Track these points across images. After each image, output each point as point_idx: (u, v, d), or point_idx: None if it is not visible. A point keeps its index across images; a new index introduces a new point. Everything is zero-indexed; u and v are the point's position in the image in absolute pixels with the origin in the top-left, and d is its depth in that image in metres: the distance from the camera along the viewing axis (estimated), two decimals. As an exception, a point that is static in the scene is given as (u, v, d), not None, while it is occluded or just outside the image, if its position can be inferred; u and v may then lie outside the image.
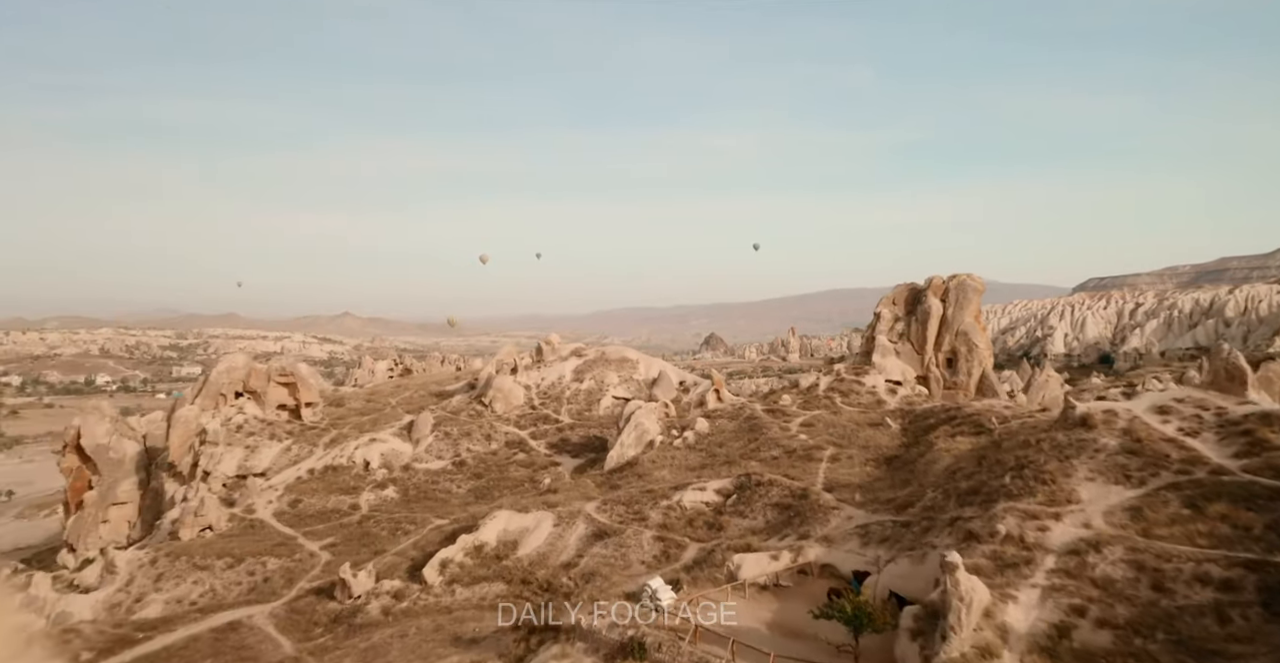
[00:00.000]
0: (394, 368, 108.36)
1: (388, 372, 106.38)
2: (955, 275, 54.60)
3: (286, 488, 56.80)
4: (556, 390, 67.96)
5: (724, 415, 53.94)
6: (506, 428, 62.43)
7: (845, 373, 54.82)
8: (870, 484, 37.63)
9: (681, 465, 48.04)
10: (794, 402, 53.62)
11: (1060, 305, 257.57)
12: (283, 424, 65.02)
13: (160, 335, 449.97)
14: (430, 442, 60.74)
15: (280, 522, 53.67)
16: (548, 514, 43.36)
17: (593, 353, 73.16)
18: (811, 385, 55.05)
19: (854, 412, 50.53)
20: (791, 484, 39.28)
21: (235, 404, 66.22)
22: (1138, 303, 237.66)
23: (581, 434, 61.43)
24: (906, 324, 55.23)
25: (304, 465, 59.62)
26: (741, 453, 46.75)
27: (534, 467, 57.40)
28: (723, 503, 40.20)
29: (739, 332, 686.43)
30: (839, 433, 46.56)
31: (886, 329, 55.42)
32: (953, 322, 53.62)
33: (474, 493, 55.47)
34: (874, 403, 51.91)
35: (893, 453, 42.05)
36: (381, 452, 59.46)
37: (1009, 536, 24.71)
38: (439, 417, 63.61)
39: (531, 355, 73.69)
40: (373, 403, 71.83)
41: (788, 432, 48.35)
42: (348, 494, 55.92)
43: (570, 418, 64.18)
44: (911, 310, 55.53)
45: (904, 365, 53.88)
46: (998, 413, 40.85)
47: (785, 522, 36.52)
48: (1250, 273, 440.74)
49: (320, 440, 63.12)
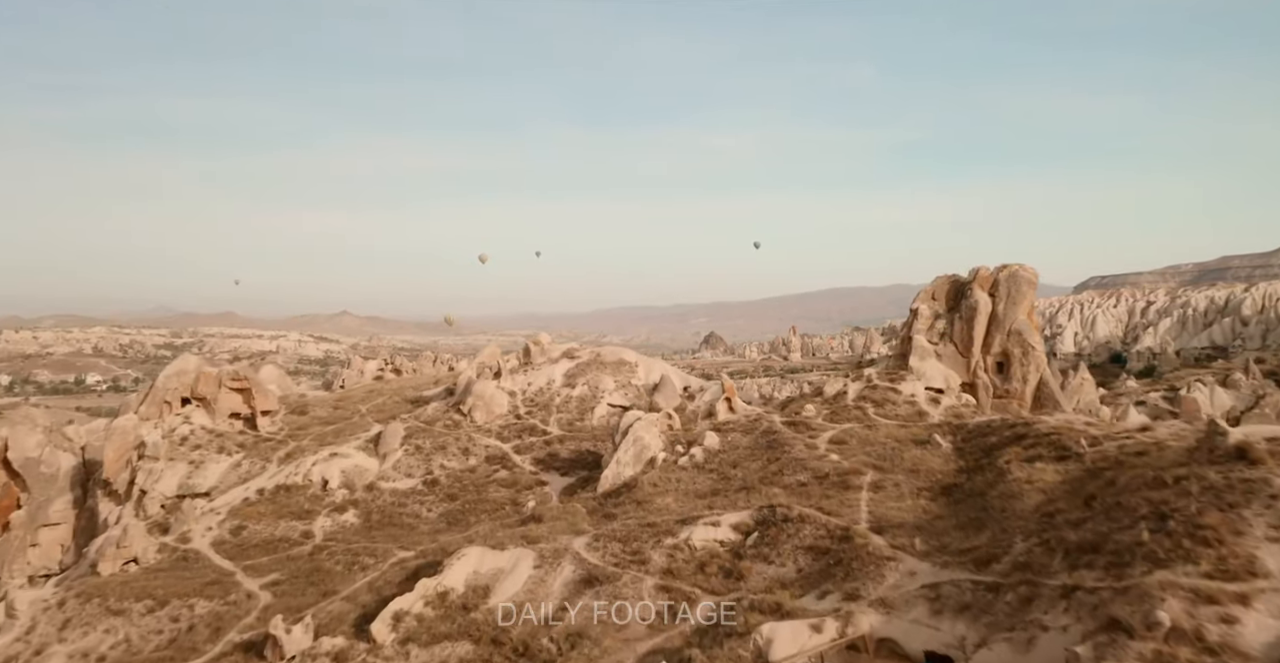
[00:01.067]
0: (384, 368, 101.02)
1: (378, 372, 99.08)
2: (1005, 266, 46.48)
3: (230, 512, 48.61)
4: (545, 397, 59.83)
5: (737, 429, 45.84)
6: (487, 441, 54.29)
7: (878, 379, 46.69)
8: (930, 524, 29.50)
9: (688, 491, 39.90)
10: (819, 413, 45.48)
11: (1069, 304, 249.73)
12: (234, 436, 56.82)
13: (155, 334, 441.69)
14: (399, 457, 52.57)
15: (219, 553, 45.50)
16: (528, 552, 35.17)
17: (586, 355, 65.07)
18: (839, 393, 46.92)
19: (892, 426, 42.40)
20: (828, 521, 31.14)
21: (181, 413, 58.08)
22: (1149, 301, 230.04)
23: (572, 448, 53.29)
24: (949, 322, 47.08)
25: (253, 484, 51.44)
26: (761, 477, 38.60)
27: (517, 486, 49.29)
28: (741, 543, 32.05)
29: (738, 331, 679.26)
30: (878, 453, 38.43)
31: (925, 328, 47.29)
32: (1003, 319, 45.49)
33: (446, 518, 47.34)
34: (914, 415, 43.80)
35: (950, 480, 33.95)
36: (343, 469, 51.30)
37: (1178, 630, 16.48)
38: (411, 427, 55.45)
39: (518, 357, 65.67)
40: (340, 411, 63.68)
41: (815, 450, 40.23)
42: (300, 519, 47.77)
43: (560, 429, 56.05)
44: (954, 306, 47.42)
45: (947, 371, 45.77)
46: (1080, 431, 32.78)
47: (823, 572, 28.39)
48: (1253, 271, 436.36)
49: (275, 455, 54.92)
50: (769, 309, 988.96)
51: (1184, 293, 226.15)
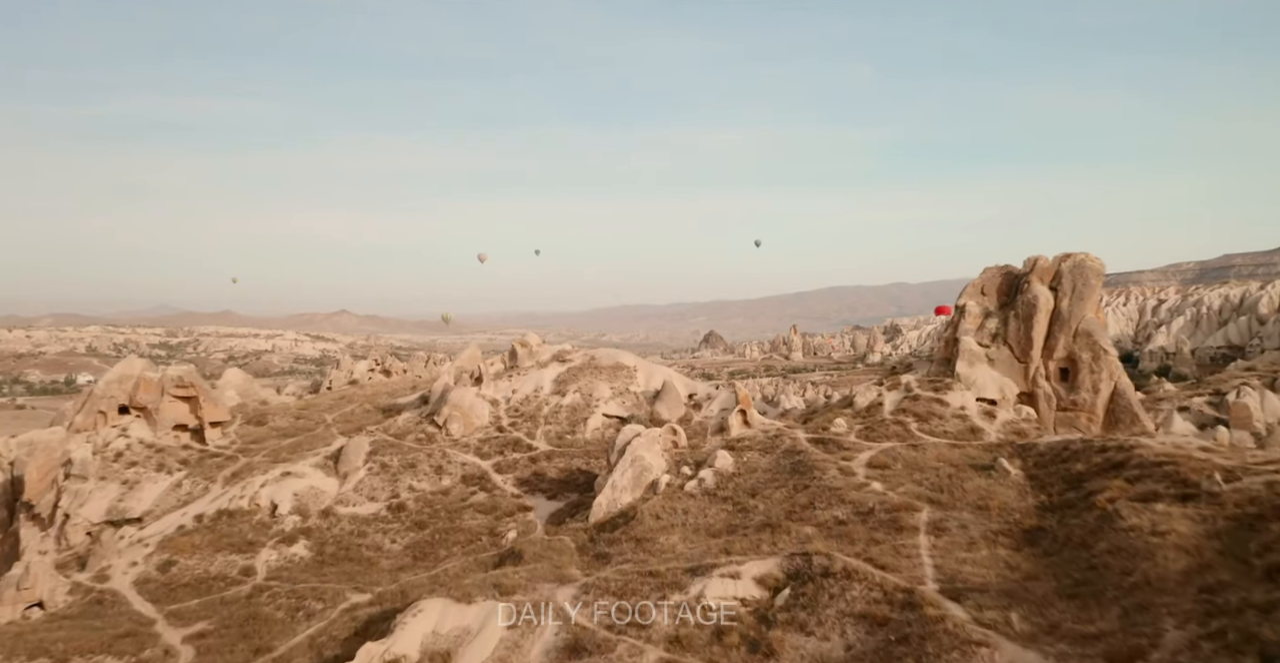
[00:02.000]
0: (374, 369, 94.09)
1: (368, 372, 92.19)
2: (1069, 255, 39.10)
3: (161, 543, 41.20)
4: (532, 406, 52.45)
5: (755, 447, 38.46)
6: (464, 457, 46.92)
7: (919, 388, 39.33)
8: (1023, 588, 22.15)
9: (698, 526, 32.47)
10: (851, 428, 38.15)
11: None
12: (177, 451, 49.41)
13: (150, 334, 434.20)
14: (362, 477, 45.20)
15: (141, 594, 38.10)
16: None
17: (579, 358, 57.67)
18: (873, 404, 39.58)
19: (942, 446, 35.02)
20: (883, 579, 23.72)
21: (118, 424, 50.70)
22: (1160, 299, 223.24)
23: (561, 466, 45.93)
24: (1002, 321, 39.70)
25: (192, 509, 44.06)
26: (787, 510, 31.14)
27: (496, 512, 41.93)
28: (768, 603, 24.58)
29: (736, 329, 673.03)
30: (932, 482, 31.06)
31: (974, 328, 39.92)
32: (1068, 317, 38.12)
33: (412, 551, 39.95)
34: (966, 432, 36.46)
35: (1032, 522, 26.59)
36: (296, 491, 43.90)
37: None
38: (377, 442, 48.06)
39: (503, 360, 58.32)
40: (303, 421, 56.23)
41: (852, 477, 32.85)
42: (241, 552, 40.36)
43: (548, 443, 48.70)
44: (1007, 303, 40.09)
45: (1002, 378, 38.41)
46: (1202, 460, 25.43)
47: (883, 654, 21.13)
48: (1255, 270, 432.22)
49: (221, 473, 47.56)
50: (768, 308, 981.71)
51: (1196, 291, 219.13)
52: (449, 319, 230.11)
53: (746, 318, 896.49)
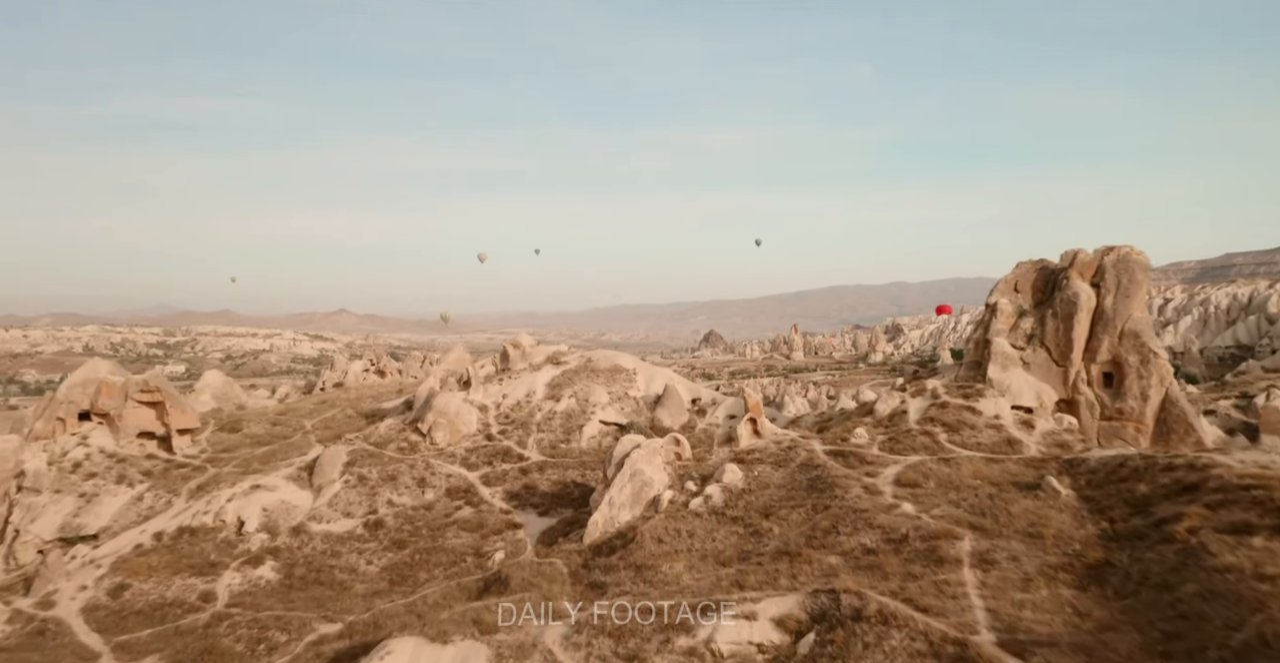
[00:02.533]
0: (369, 369, 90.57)
1: (363, 372, 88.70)
2: (1112, 248, 35.30)
3: (115, 564, 37.37)
4: (523, 413, 48.62)
5: (766, 460, 34.71)
6: (449, 468, 43.12)
7: (947, 395, 35.54)
8: (1102, 644, 18.38)
9: (705, 551, 28.73)
10: (873, 439, 34.39)
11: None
12: (140, 461, 45.61)
13: (147, 333, 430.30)
14: (338, 490, 41.39)
15: (89, 623, 34.30)
16: (480, 648, 24.21)
17: (575, 360, 53.75)
18: (896, 412, 35.79)
19: (977, 460, 31.25)
20: (927, 626, 19.93)
21: (79, 432, 46.90)
22: (1166, 298, 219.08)
23: (554, 479, 42.15)
24: (1038, 321, 35.90)
25: (152, 526, 40.27)
26: (807, 535, 27.38)
27: (483, 530, 38.12)
28: (790, 651, 20.84)
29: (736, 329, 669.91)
30: (971, 503, 27.29)
31: (1006, 328, 36.12)
32: (1113, 317, 34.32)
33: (389, 574, 36.15)
34: (1003, 444, 32.66)
35: (1096, 555, 22.79)
36: (265, 506, 40.10)
37: None
38: (356, 451, 44.26)
39: (494, 362, 54.47)
40: (279, 427, 52.40)
41: (879, 496, 29.09)
42: (202, 575, 36.56)
43: (540, 453, 44.92)
44: (1044, 300, 36.31)
45: (1039, 384, 34.62)
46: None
47: (935, 725, 17.46)
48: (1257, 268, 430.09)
49: (186, 486, 43.77)
50: (767, 307, 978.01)
51: (1203, 290, 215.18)
52: (448, 318, 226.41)
53: (746, 317, 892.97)
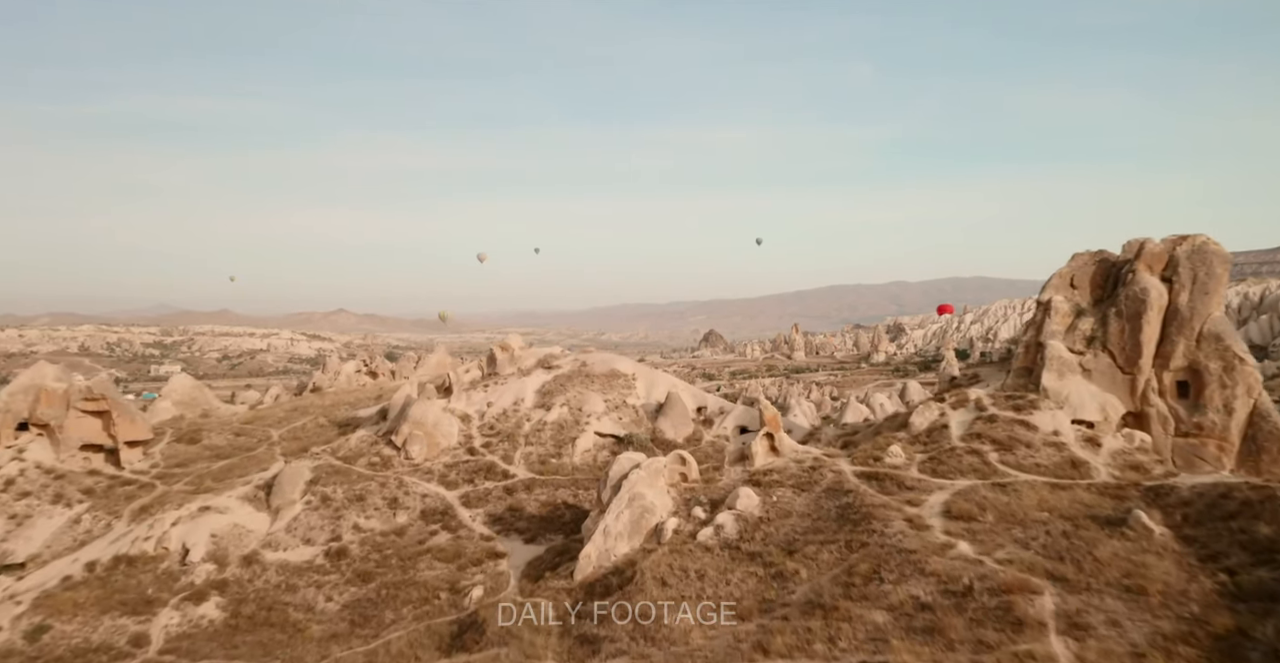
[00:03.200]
0: (361, 369, 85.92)
1: (355, 373, 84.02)
2: (1185, 237, 30.28)
3: (38, 600, 32.31)
4: (510, 423, 43.57)
5: (786, 482, 29.69)
6: (425, 487, 38.12)
7: (995, 407, 30.54)
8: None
9: (718, 597, 23.62)
10: (911, 458, 29.38)
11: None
12: (80, 478, 40.58)
13: (144, 332, 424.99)
14: (298, 512, 36.38)
15: (-2, 673, 29.44)
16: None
17: (568, 364, 48.65)
18: (934, 427, 30.77)
19: (1040, 486, 26.24)
20: (1020, 726, 15.16)
21: (14, 445, 41.90)
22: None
23: (543, 499, 37.16)
24: (1098, 321, 30.88)
25: (86, 554, 35.27)
26: (843, 582, 22.32)
27: (460, 560, 33.08)
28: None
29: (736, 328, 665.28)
30: (1042, 542, 22.31)
31: (1062, 330, 31.12)
32: (1189, 316, 29.32)
33: (351, 613, 31.07)
34: (1065, 465, 27.65)
35: (1225, 620, 17.92)
36: (214, 531, 35.10)
37: None
38: (321, 467, 39.25)
39: (480, 366, 49.44)
40: (243, 438, 47.35)
41: (926, 530, 24.09)
42: (136, 614, 31.49)
43: (528, 469, 39.92)
44: (1105, 297, 31.34)
45: (1103, 394, 29.60)
46: None
47: None
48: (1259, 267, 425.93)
49: (129, 506, 38.76)
50: (767, 307, 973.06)
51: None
52: (446, 318, 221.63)
53: (746, 317, 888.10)
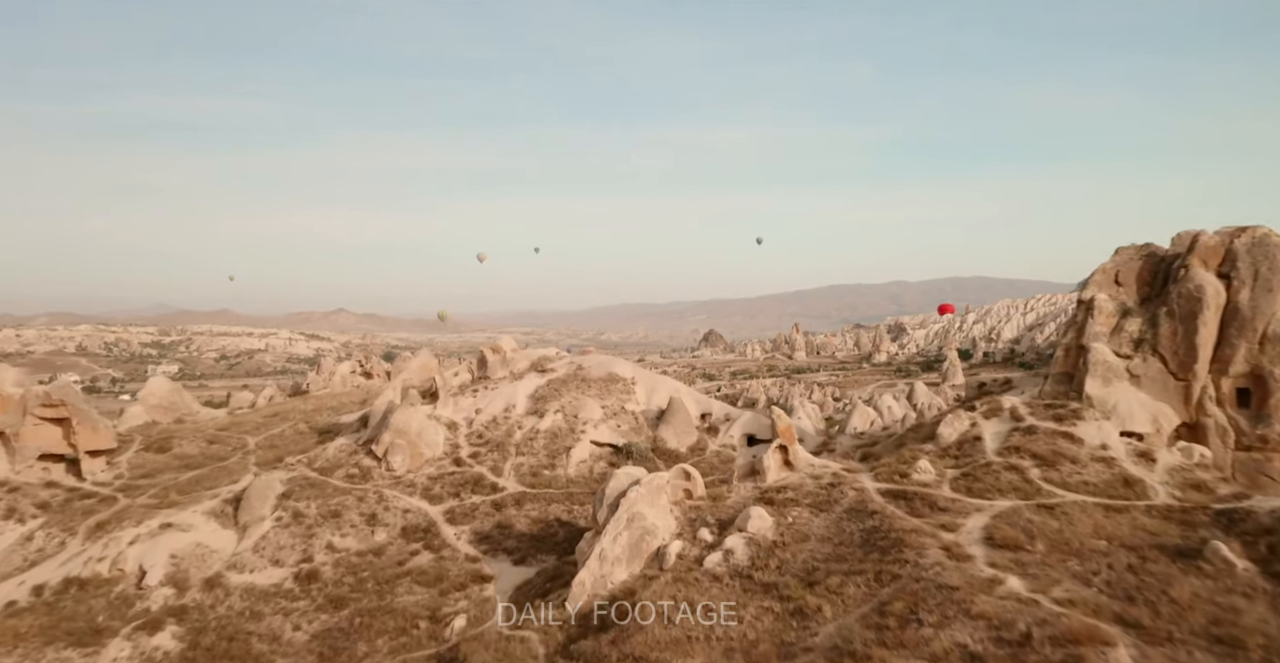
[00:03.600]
0: (356, 370, 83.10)
1: (350, 374, 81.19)
2: (1244, 229, 27.27)
3: (-23, 628, 29.39)
4: (500, 431, 40.46)
5: (803, 500, 26.61)
6: (407, 501, 35.06)
7: (1033, 417, 27.49)
8: None
9: (731, 642, 20.50)
10: (942, 475, 26.31)
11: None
12: (37, 490, 37.49)
13: (142, 332, 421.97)
14: (267, 530, 33.29)
15: (-75, 715, 26.35)
16: None
17: (563, 367, 45.51)
18: (965, 438, 27.71)
19: (1092, 509, 23.17)
20: None
21: (-34, 455, 38.82)
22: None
23: (535, 515, 34.09)
24: (1147, 322, 27.85)
25: (34, 576, 32.20)
26: (874, 623, 19.15)
27: (442, 584, 30.04)
28: None
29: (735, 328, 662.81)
30: (1105, 576, 19.23)
31: (1107, 331, 28.10)
32: (1250, 316, 26.28)
33: (320, 644, 27.99)
34: (1117, 483, 24.59)
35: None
36: (175, 551, 32.03)
37: None
38: (295, 480, 36.15)
39: (470, 369, 46.33)
40: (217, 446, 44.27)
41: (965, 559, 21.03)
42: (83, 646, 28.35)
43: (519, 481, 36.85)
44: (1154, 295, 28.32)
45: (1154, 403, 26.57)
46: None
47: None
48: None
49: (87, 522, 35.69)
50: (767, 306, 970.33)
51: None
52: (445, 317, 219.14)
53: (745, 317, 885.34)
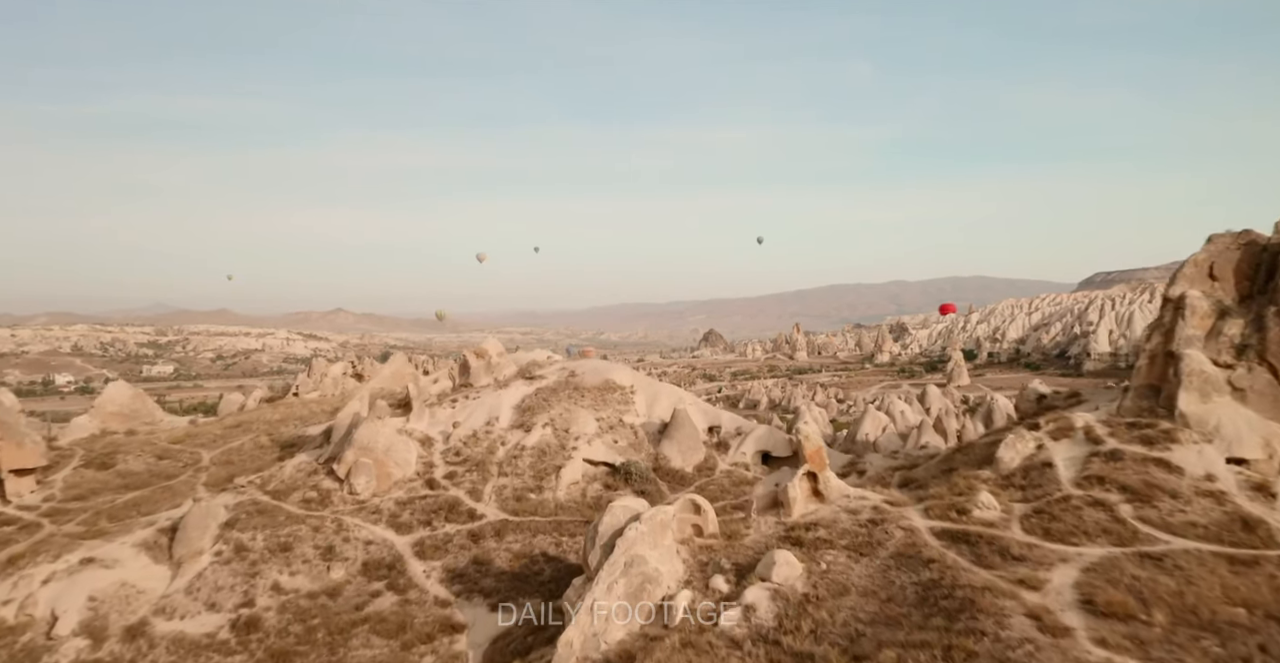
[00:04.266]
0: (348, 372, 78.32)
1: (342, 376, 76.38)
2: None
3: None
4: (481, 448, 35.30)
5: (838, 541, 21.65)
6: (370, 530, 30.12)
7: (1114, 437, 22.61)
8: None
9: (758, 739, 15.91)
10: (1009, 511, 21.40)
11: (1099, 299, 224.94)
12: (-52, 517, 32.66)
13: (138, 332, 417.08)
14: (205, 566, 28.35)
15: None
16: None
17: (554, 374, 40.29)
18: (1032, 463, 22.82)
19: (1211, 560, 18.27)
20: None
21: (-128, 475, 33.87)
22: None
23: (517, 548, 29.14)
24: (1252, 324, 22.98)
25: (-72, 622, 27.32)
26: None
27: (406, 635, 25.16)
28: None
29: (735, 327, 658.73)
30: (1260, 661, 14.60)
31: (1201, 335, 23.27)
32: (1383, 318, 21.39)
33: (256, 713, 23.22)
34: (1231, 524, 19.71)
35: None
36: (94, 592, 27.10)
37: None
38: (243, 505, 31.18)
39: (451, 375, 41.25)
40: (168, 461, 39.31)
41: (1062, 634, 16.12)
42: (-28, 713, 23.66)
43: (501, 507, 31.87)
44: (1257, 291, 23.51)
45: (1265, 423, 21.71)
46: None
47: None
48: None
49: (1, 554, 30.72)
50: (766, 306, 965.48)
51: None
52: (443, 317, 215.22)
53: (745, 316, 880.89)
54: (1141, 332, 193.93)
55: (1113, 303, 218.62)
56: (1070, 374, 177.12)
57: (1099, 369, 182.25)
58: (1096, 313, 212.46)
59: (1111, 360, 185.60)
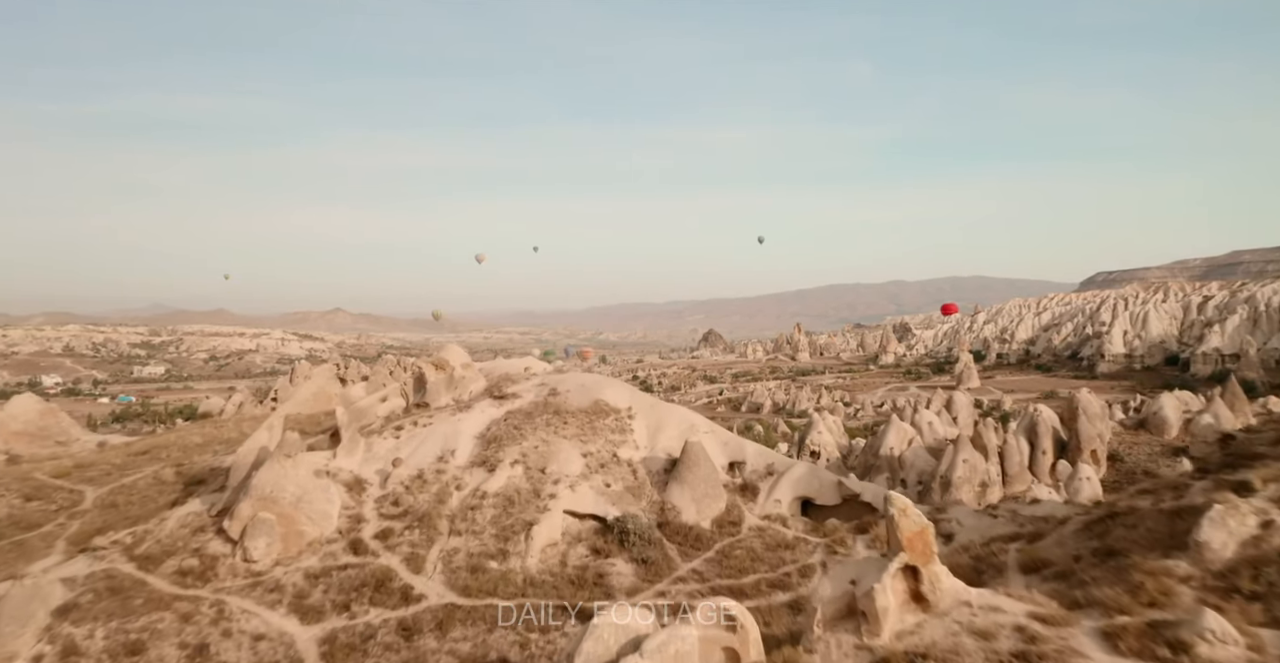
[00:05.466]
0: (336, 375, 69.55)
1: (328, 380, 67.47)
2: None
3: None
4: (427, 495, 25.95)
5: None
6: (264, 619, 21.36)
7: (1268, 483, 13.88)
8: None
9: None
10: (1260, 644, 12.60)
11: (1111, 299, 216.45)
12: None
13: (132, 332, 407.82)
14: (17, 678, 19.73)
15: None
16: None
17: (530, 393, 30.82)
18: (1265, 550, 14.06)
19: None
20: None
21: None
22: (1205, 296, 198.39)
23: (467, 649, 20.24)
24: None
25: None
26: None
27: None
28: None
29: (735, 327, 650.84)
30: None
31: None
32: None
33: None
34: None
35: None
36: None
37: None
38: (92, 579, 22.29)
39: (403, 392, 32.09)
40: (38, 502, 30.12)
41: None
42: None
43: (447, 583, 22.72)
44: None
45: None
46: None
47: None
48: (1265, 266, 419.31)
49: None
50: (766, 306, 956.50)
51: (1246, 287, 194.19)
52: (440, 316, 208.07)
53: (744, 316, 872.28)
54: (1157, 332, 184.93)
55: (1126, 303, 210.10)
56: (1084, 377, 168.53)
57: (1114, 371, 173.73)
58: (1109, 313, 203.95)
59: (1126, 362, 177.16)
